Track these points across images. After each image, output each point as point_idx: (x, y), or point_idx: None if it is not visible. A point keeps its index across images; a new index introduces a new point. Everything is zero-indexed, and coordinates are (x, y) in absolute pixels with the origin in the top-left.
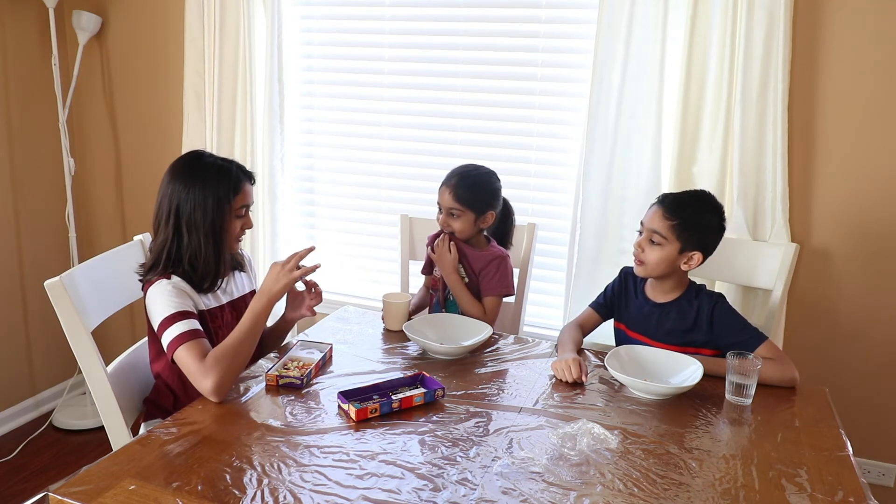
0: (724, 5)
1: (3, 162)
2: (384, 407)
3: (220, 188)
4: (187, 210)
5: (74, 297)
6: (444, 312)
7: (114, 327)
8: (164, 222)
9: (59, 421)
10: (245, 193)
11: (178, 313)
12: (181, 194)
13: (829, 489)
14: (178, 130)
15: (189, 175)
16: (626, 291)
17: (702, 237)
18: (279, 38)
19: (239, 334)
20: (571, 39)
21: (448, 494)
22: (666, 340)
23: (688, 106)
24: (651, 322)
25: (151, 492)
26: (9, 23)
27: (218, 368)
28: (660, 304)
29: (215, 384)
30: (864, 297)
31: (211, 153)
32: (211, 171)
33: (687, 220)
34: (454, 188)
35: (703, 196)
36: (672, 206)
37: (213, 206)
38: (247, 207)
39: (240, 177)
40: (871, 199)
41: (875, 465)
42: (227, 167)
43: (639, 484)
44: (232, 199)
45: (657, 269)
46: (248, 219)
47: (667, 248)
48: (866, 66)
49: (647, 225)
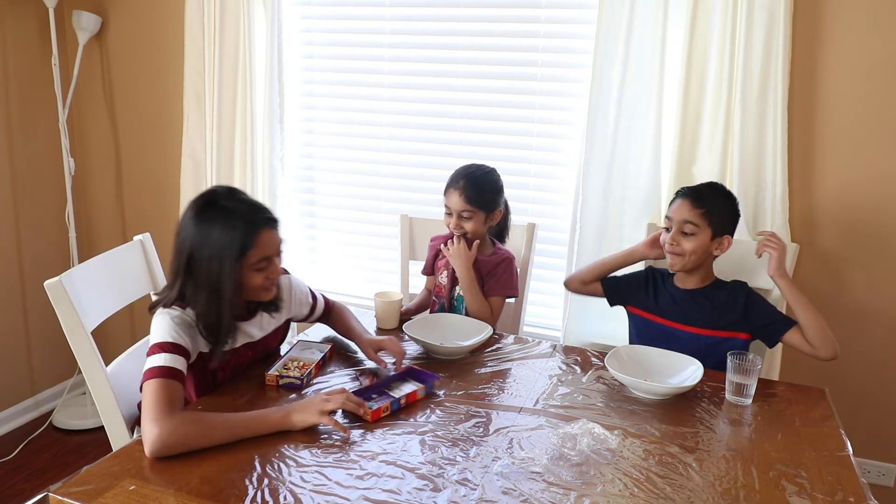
0: (724, 5)
1: (3, 162)
2: (394, 405)
3: (224, 243)
4: (196, 259)
5: (74, 298)
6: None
7: (114, 327)
8: (182, 263)
9: (59, 421)
10: (262, 245)
11: (168, 344)
12: (194, 239)
13: (830, 489)
14: (178, 130)
15: (200, 219)
16: (655, 284)
17: (728, 222)
18: (279, 38)
19: (229, 426)
20: (571, 39)
21: (448, 494)
22: (700, 325)
23: (688, 106)
24: (684, 309)
25: (152, 492)
26: (9, 23)
27: (181, 429)
28: (691, 291)
29: (165, 439)
30: (864, 296)
31: (232, 191)
32: (217, 223)
33: (714, 207)
34: (464, 190)
35: (717, 185)
36: (698, 196)
37: (217, 263)
38: (269, 259)
39: (253, 227)
40: (871, 199)
41: (875, 465)
42: (235, 217)
43: (639, 484)
44: (242, 255)
45: (692, 259)
46: (274, 269)
47: (700, 236)
48: (866, 65)
49: (676, 217)
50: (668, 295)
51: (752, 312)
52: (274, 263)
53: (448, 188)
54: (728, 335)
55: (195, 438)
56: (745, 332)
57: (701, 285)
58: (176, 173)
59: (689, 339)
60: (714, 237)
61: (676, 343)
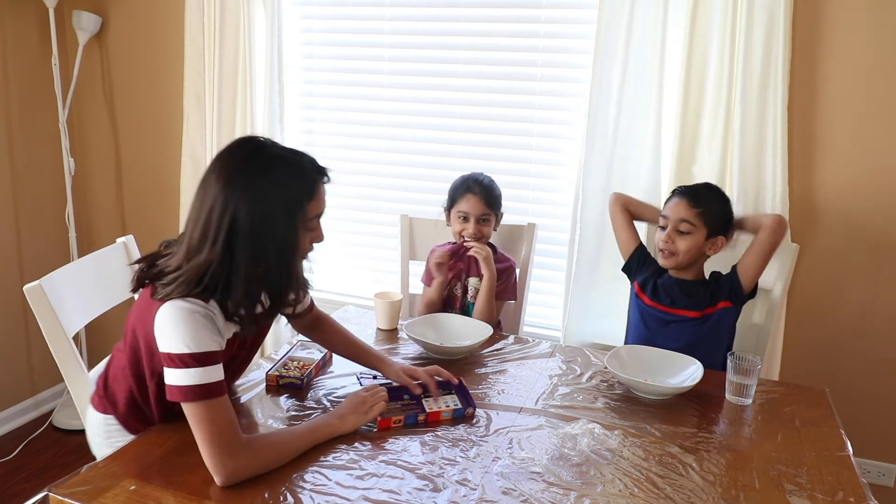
0: (724, 5)
1: (3, 162)
2: (408, 419)
3: (288, 196)
4: (247, 225)
5: (55, 301)
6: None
7: (113, 327)
8: (210, 240)
9: (59, 421)
10: (320, 199)
11: (204, 355)
12: (238, 202)
13: (830, 489)
14: (178, 130)
15: (250, 175)
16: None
17: (723, 223)
18: (279, 38)
19: (295, 443)
20: (571, 39)
21: (448, 495)
22: (688, 308)
23: (688, 106)
24: (675, 294)
25: (152, 492)
26: (9, 23)
27: (255, 462)
28: (681, 281)
29: (241, 473)
30: (864, 296)
31: (273, 141)
32: (276, 172)
33: (710, 207)
34: (482, 194)
35: (714, 186)
36: (694, 195)
37: (282, 220)
38: (319, 218)
39: (314, 176)
40: (871, 198)
41: (875, 465)
42: (298, 162)
43: (639, 484)
44: (305, 205)
45: (687, 258)
46: (320, 231)
47: (696, 235)
48: (866, 65)
49: (672, 216)
50: (665, 286)
51: (720, 281)
52: (321, 225)
53: (463, 195)
54: (712, 310)
55: (268, 463)
56: (723, 300)
57: (693, 279)
58: (176, 173)
59: (679, 321)
60: (709, 237)
61: (666, 325)
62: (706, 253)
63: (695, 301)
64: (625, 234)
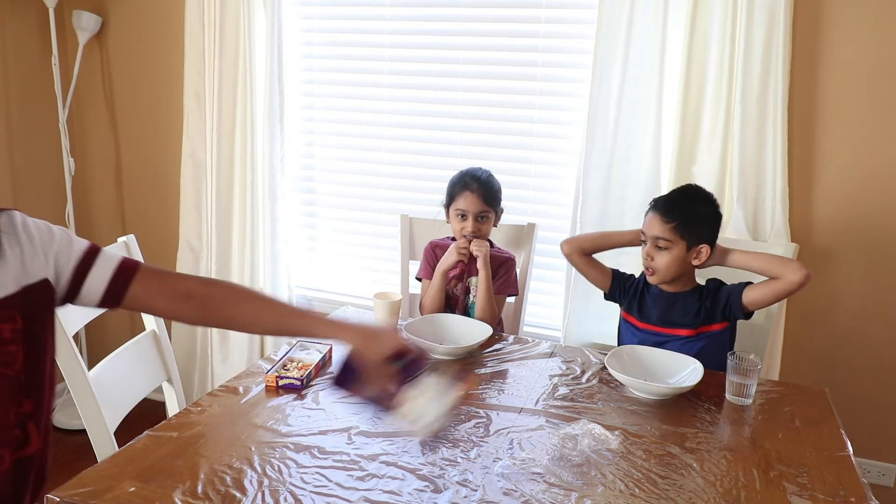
0: (724, 5)
1: (3, 162)
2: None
3: None
4: None
5: None
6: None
7: (114, 326)
8: None
9: (59, 421)
10: None
11: None
12: None
13: (830, 489)
14: (178, 130)
15: None
16: (643, 291)
17: (703, 230)
18: (279, 38)
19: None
20: (571, 39)
21: (449, 496)
22: (681, 327)
23: (688, 106)
24: (665, 313)
25: (151, 493)
26: (9, 23)
27: None
28: (671, 294)
29: None
30: (864, 296)
31: None
32: None
33: (685, 218)
34: (480, 192)
35: (692, 190)
36: (666, 208)
37: None
38: None
39: None
40: (870, 198)
41: (875, 465)
42: None
43: (640, 484)
44: None
45: (670, 272)
46: None
47: (674, 249)
48: (866, 65)
49: (648, 233)
50: (652, 298)
51: (715, 298)
52: None
53: (460, 192)
54: (706, 329)
55: None
56: (718, 322)
57: (681, 290)
58: (176, 173)
59: (674, 340)
60: (690, 248)
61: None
62: (691, 263)
63: (687, 317)
64: (592, 274)
